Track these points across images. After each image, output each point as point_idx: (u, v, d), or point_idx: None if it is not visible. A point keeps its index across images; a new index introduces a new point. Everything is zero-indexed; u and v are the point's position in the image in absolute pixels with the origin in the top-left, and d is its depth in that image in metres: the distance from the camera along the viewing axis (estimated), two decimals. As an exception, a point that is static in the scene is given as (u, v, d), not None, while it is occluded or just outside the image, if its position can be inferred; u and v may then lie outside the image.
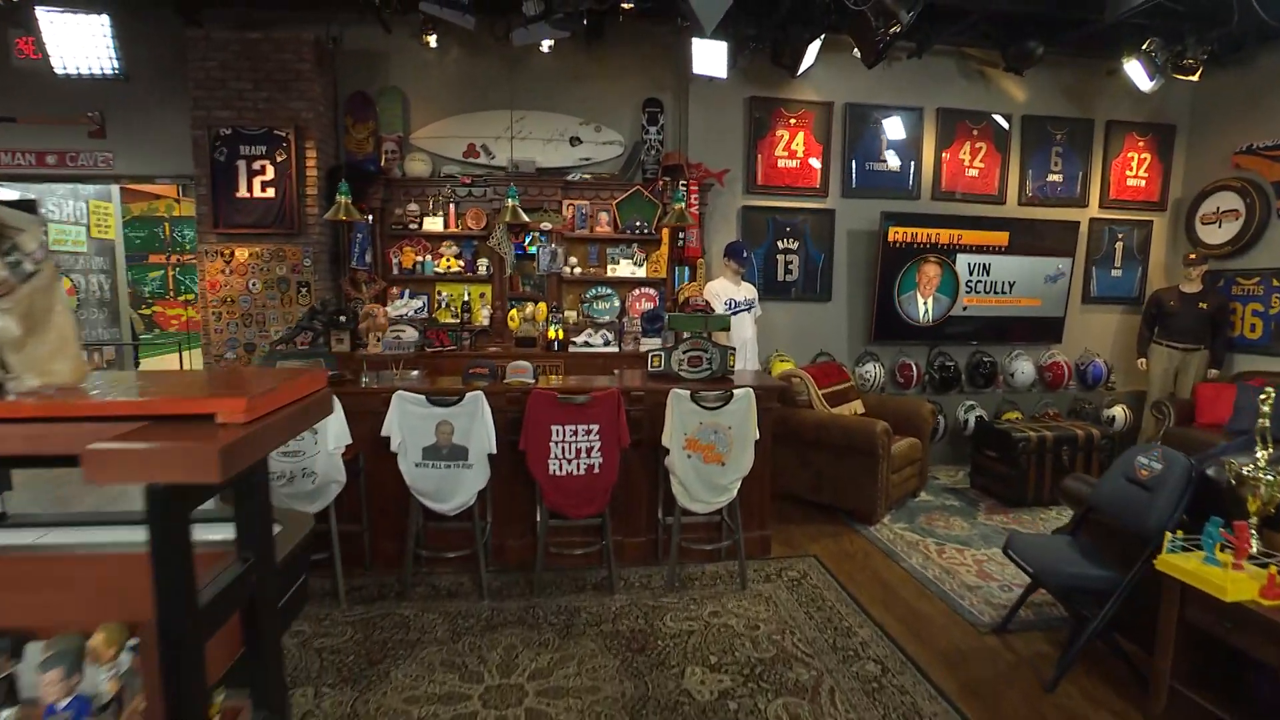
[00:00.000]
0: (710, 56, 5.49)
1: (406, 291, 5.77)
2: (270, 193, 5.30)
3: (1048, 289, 6.49)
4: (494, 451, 3.63)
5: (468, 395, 3.58)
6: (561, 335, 5.68)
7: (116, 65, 5.33)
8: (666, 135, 6.07)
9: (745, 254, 5.54)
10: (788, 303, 6.29)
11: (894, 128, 6.27)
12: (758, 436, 3.82)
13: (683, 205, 4.69)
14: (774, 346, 6.23)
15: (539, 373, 5.52)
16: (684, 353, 4.29)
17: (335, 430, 3.51)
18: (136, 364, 9.96)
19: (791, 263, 6.25)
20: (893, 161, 6.31)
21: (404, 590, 3.77)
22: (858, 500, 4.98)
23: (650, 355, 4.35)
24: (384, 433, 3.60)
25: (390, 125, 5.80)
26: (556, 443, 3.64)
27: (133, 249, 10.73)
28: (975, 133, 6.38)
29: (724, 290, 5.53)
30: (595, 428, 3.66)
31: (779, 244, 6.22)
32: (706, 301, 4.60)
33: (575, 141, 5.96)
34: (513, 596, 3.73)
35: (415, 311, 5.60)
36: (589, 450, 3.66)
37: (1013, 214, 6.45)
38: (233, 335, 5.41)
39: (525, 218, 4.60)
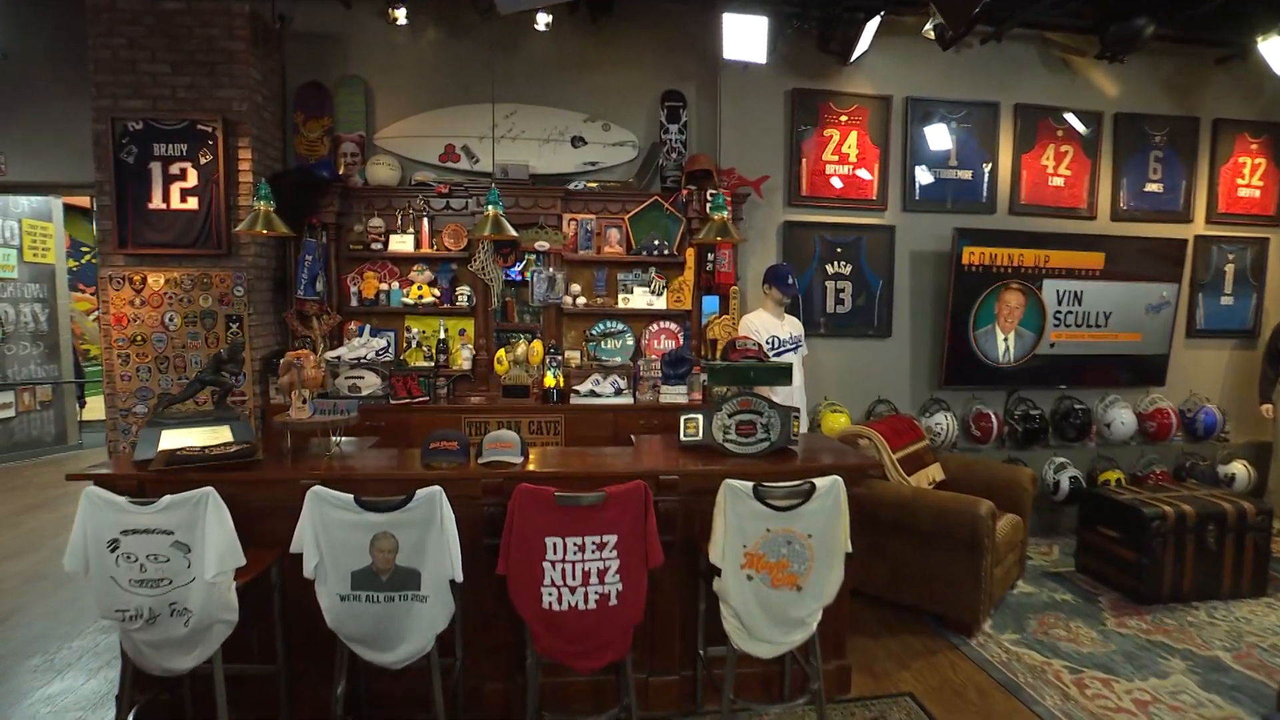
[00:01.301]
0: (746, 37, 4.34)
1: (366, 327, 4.55)
2: (192, 203, 4.11)
3: (1149, 321, 5.29)
4: (459, 579, 2.38)
5: (419, 495, 2.35)
6: (561, 382, 4.46)
7: None
8: (690, 135, 4.91)
9: (791, 280, 4.35)
10: (838, 339, 5.08)
11: (964, 127, 5.10)
12: (849, 549, 2.57)
13: (725, 215, 3.50)
14: (822, 393, 5.02)
15: (529, 440, 4.30)
16: (730, 416, 3.06)
17: (219, 546, 2.28)
18: (81, 404, 8.72)
19: (843, 291, 5.05)
20: (964, 168, 5.13)
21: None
22: (952, 603, 3.72)
23: (684, 419, 3.12)
24: (294, 548, 2.36)
25: (350, 122, 4.63)
26: (554, 563, 2.40)
27: (91, 275, 9.54)
28: (1060, 133, 5.21)
29: (765, 325, 4.34)
30: (611, 540, 2.41)
31: (827, 268, 5.02)
32: (759, 346, 3.39)
33: (578, 142, 4.78)
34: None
35: (377, 353, 4.38)
36: (601, 574, 2.42)
37: (1105, 230, 5.27)
38: (144, 384, 4.18)
39: (512, 232, 3.40)
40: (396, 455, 3.02)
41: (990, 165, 5.15)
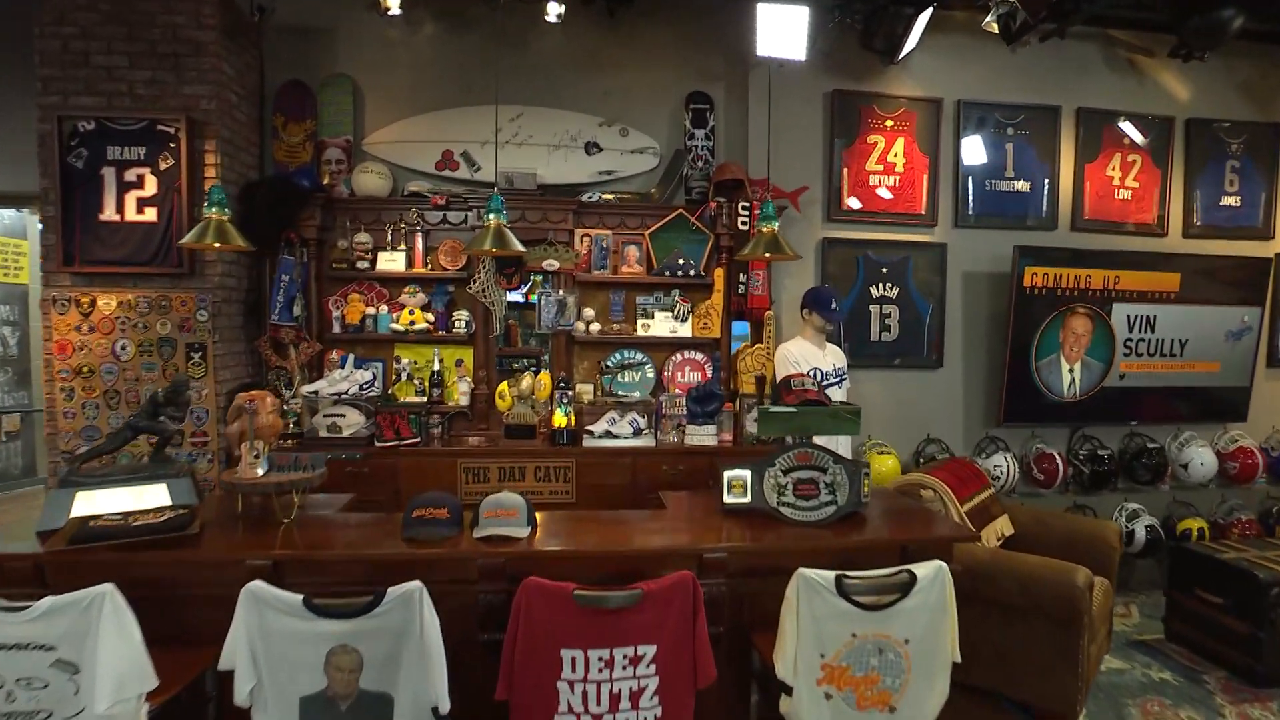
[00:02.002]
0: (783, 31, 3.80)
1: (349, 357, 3.96)
2: (150, 214, 3.55)
3: (1229, 349, 4.69)
4: (445, 708, 1.76)
5: (391, 595, 1.74)
6: (572, 421, 3.86)
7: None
8: (718, 141, 4.35)
9: (834, 304, 3.77)
10: (884, 371, 4.48)
11: (1022, 133, 4.54)
12: (957, 657, 1.95)
13: (774, 227, 2.91)
14: (866, 431, 4.41)
15: (535, 490, 3.68)
16: (786, 473, 2.46)
17: (117, 665, 1.66)
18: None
19: (889, 316, 4.46)
20: (1021, 179, 4.56)
21: None
22: (1040, 689, 3.08)
23: (728, 478, 2.51)
24: (224, 664, 1.75)
25: (336, 126, 4.08)
26: (573, 684, 1.78)
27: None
28: (1126, 141, 4.65)
29: (805, 356, 3.75)
30: (649, 652, 1.80)
31: (872, 290, 4.44)
32: (818, 386, 2.77)
33: (592, 149, 4.23)
34: None
35: (362, 386, 3.79)
36: (635, 696, 1.80)
37: (1176, 248, 4.69)
38: (90, 422, 3.58)
39: (518, 246, 2.82)
40: (372, 525, 2.41)
41: (1050, 177, 4.58)
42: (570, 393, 3.93)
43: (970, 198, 4.52)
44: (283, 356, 3.90)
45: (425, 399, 4.01)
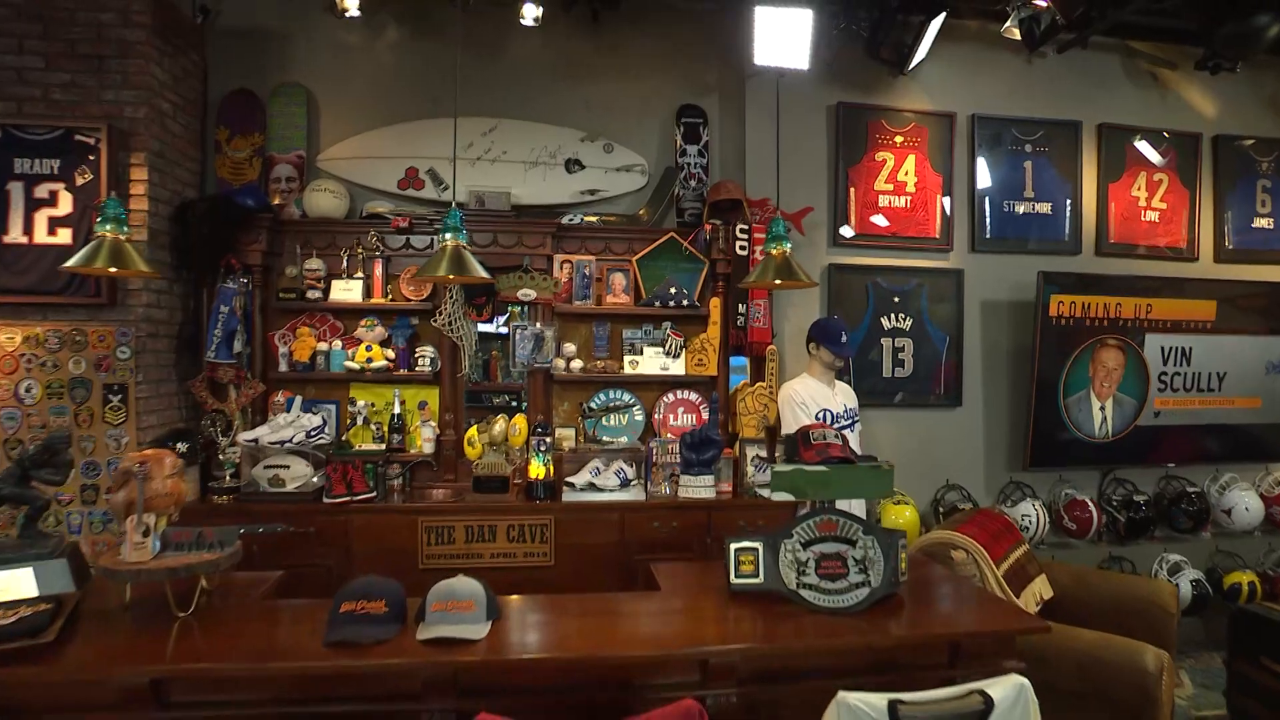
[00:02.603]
0: (784, 37, 3.45)
1: (296, 399, 3.49)
2: (64, 236, 3.11)
3: (1271, 383, 4.34)
4: None
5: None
6: (550, 471, 3.41)
7: None
8: (712, 158, 3.98)
9: (844, 337, 3.38)
10: (897, 410, 4.08)
11: (1041, 151, 4.20)
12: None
13: (786, 249, 2.51)
14: (879, 477, 3.95)
15: (509, 551, 3.23)
16: (806, 546, 2.01)
17: None
18: None
19: (902, 349, 4.07)
20: (1041, 200, 4.21)
21: None
22: (1103, 792, 2.61)
23: (734, 551, 2.06)
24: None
25: (286, 140, 3.68)
26: None
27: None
28: (1164, 156, 4.33)
29: (813, 395, 3.35)
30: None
31: (883, 321, 4.05)
32: (841, 437, 2.33)
33: (574, 166, 3.84)
34: None
35: (310, 433, 3.32)
36: None
37: (1207, 273, 4.35)
38: (-12, 479, 3.06)
39: (481, 272, 2.39)
40: (298, 618, 1.93)
41: (1071, 197, 4.24)
42: (548, 439, 3.48)
43: (987, 220, 4.17)
44: (221, 399, 3.43)
45: (383, 446, 3.54)
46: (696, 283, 3.77)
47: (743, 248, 3.69)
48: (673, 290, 3.71)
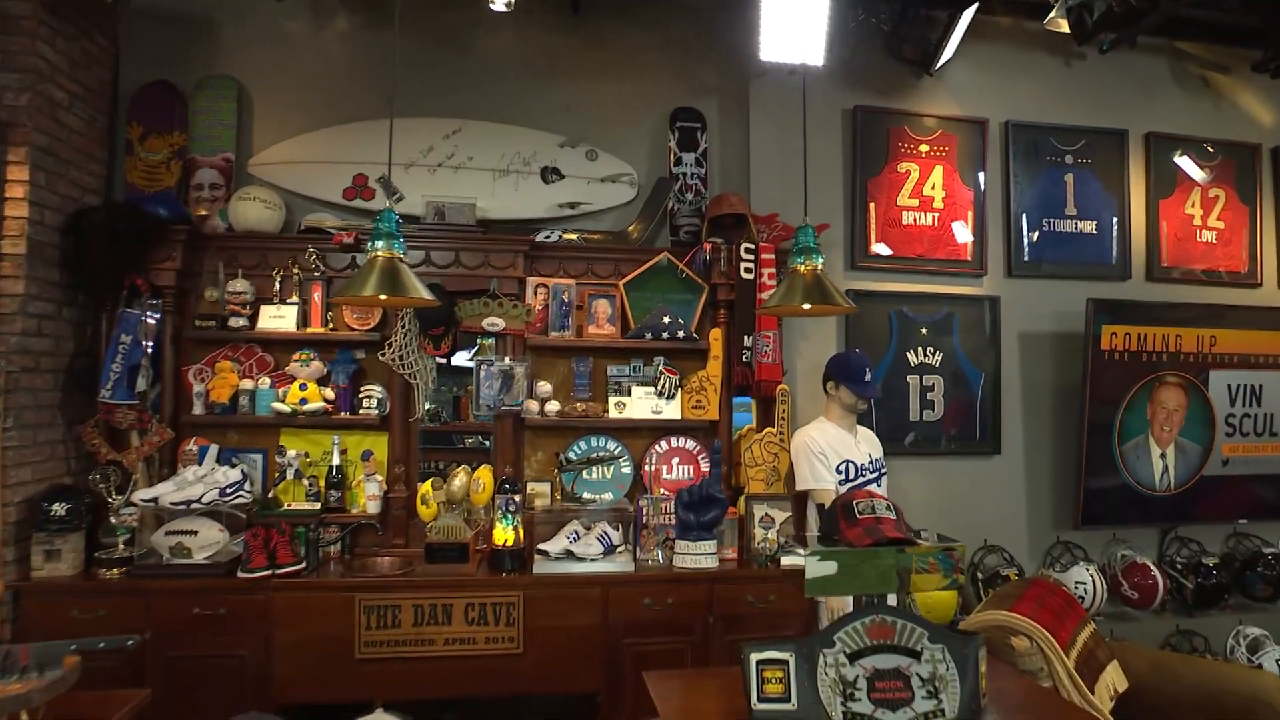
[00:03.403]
0: (794, 29, 3.07)
1: (211, 449, 2.99)
2: (-77, 253, 2.61)
3: (1347, 428, 3.91)
4: None
5: None
6: (520, 536, 2.92)
7: None
8: (712, 167, 3.59)
9: (867, 374, 2.95)
10: (926, 459, 3.64)
11: (1083, 163, 3.84)
12: None
13: (818, 265, 2.07)
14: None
15: (467, 636, 2.71)
16: (853, 658, 1.53)
17: None
18: None
19: (931, 388, 3.64)
20: (1085, 218, 3.83)
21: None
22: None
23: (754, 662, 1.57)
24: None
25: (212, 140, 3.24)
26: None
27: None
28: (1207, 172, 3.97)
29: (833, 444, 2.94)
30: None
31: (909, 355, 3.62)
32: (893, 509, 1.85)
33: (552, 175, 3.42)
34: None
35: (225, 490, 2.81)
36: None
37: (1275, 300, 3.97)
38: None
39: (421, 291, 1.95)
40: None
41: (1120, 214, 3.86)
42: (517, 497, 2.99)
43: (1025, 240, 3.78)
44: (120, 447, 2.92)
45: (319, 505, 3.04)
46: (694, 311, 3.34)
47: (748, 270, 3.27)
48: (666, 320, 3.27)
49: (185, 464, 2.97)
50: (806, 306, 2.09)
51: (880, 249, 3.61)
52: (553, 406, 3.25)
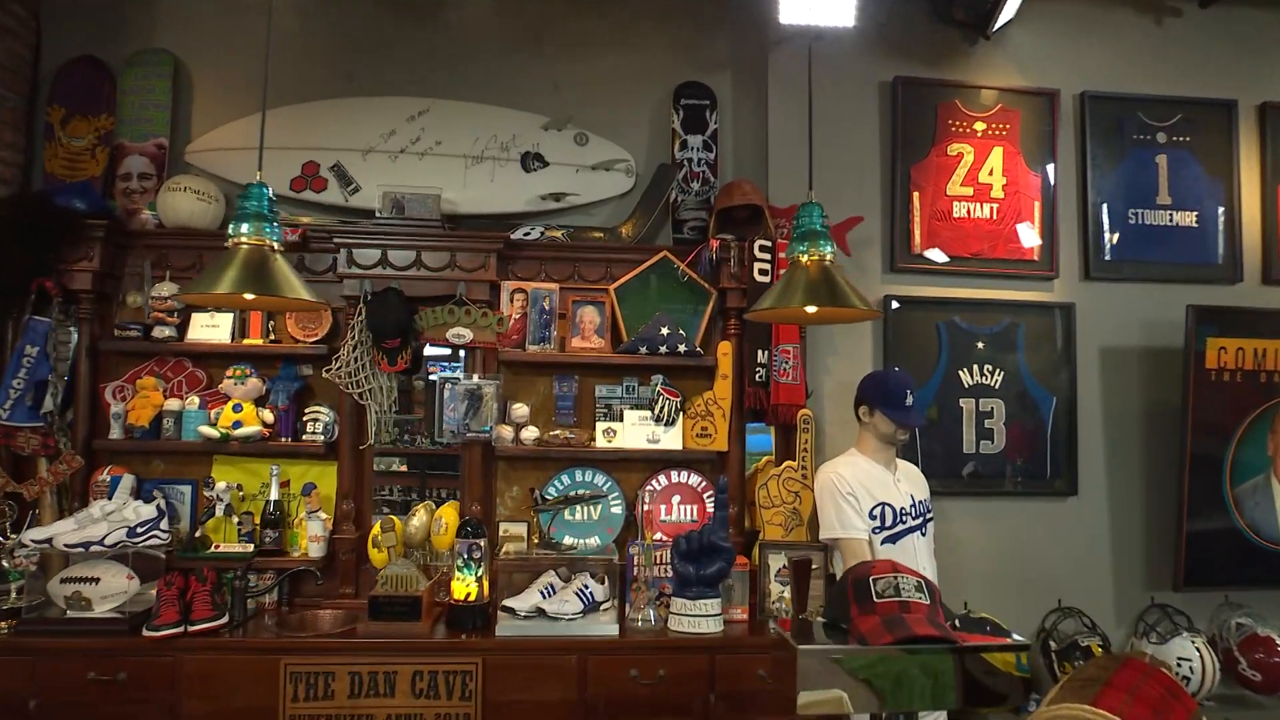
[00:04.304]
0: (818, -17, 2.67)
1: (122, 480, 2.69)
2: None
3: None
4: None
5: None
6: (485, 590, 2.54)
7: None
8: (723, 151, 3.20)
9: (908, 398, 2.50)
10: (983, 500, 3.16)
11: (1180, 141, 3.31)
12: None
13: (826, 254, 1.66)
14: (960, 594, 3.01)
15: (412, 713, 2.34)
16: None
17: None
18: None
19: (989, 414, 3.15)
20: (1182, 208, 3.30)
21: None
22: None
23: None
24: None
25: (143, 124, 2.99)
26: None
27: None
28: (1334, 154, 3.41)
29: (864, 483, 2.55)
30: None
31: (962, 375, 3.15)
32: (929, 592, 1.41)
33: (534, 162, 3.06)
34: None
35: (135, 530, 2.49)
36: None
37: None
38: None
39: (301, 291, 1.53)
40: None
41: (1228, 204, 3.32)
42: (482, 542, 2.61)
43: (1106, 236, 3.27)
44: (25, 476, 2.64)
45: (252, 547, 2.70)
46: (699, 321, 2.94)
47: (763, 272, 2.85)
48: (665, 331, 2.86)
49: (97, 496, 2.66)
50: (811, 310, 1.66)
51: (928, 247, 3.15)
52: (530, 433, 2.87)
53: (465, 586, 2.59)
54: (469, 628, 2.54)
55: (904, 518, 2.54)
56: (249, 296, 1.53)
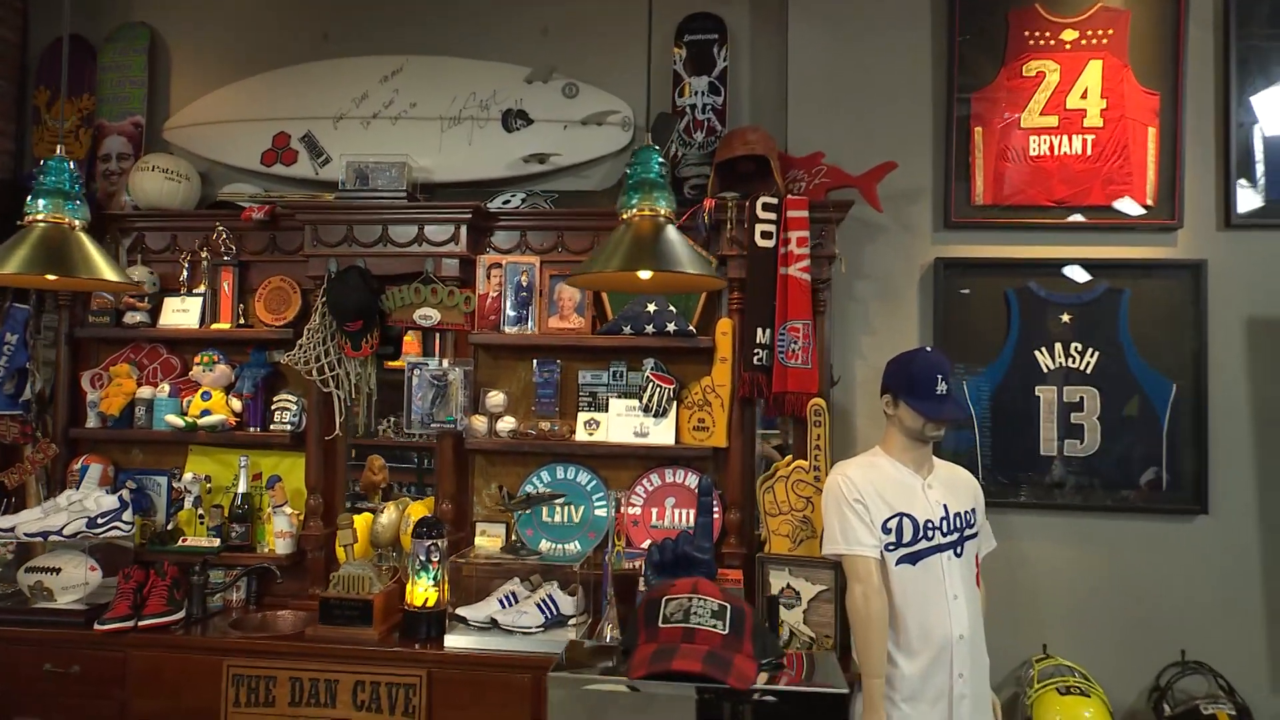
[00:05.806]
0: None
1: (91, 470, 2.85)
2: None
3: None
4: None
5: None
6: (443, 596, 2.48)
7: None
8: (736, 94, 2.94)
9: (941, 384, 2.16)
10: (1071, 517, 2.71)
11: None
12: None
13: (661, 209, 1.42)
14: (1039, 637, 2.60)
15: None
16: None
17: None
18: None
19: (1077, 407, 2.69)
20: (1367, 131, 2.65)
21: None
22: None
23: None
24: None
25: (121, 103, 3.15)
26: None
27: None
28: None
29: (879, 487, 2.26)
30: None
31: (1039, 357, 2.71)
32: (739, 622, 1.16)
33: (517, 121, 2.94)
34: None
35: (95, 521, 2.64)
36: None
37: None
38: None
39: (109, 273, 1.48)
40: None
41: None
42: (440, 543, 2.54)
43: (1259, 172, 2.67)
44: (8, 464, 2.87)
45: (219, 541, 2.80)
46: (697, 295, 2.68)
47: (766, 235, 2.57)
48: (652, 307, 2.65)
49: (72, 486, 2.84)
50: (645, 276, 1.41)
51: (992, 196, 2.71)
52: (506, 424, 2.76)
53: (423, 591, 2.54)
54: (423, 636, 2.50)
55: (929, 533, 2.20)
56: (51, 277, 1.51)
